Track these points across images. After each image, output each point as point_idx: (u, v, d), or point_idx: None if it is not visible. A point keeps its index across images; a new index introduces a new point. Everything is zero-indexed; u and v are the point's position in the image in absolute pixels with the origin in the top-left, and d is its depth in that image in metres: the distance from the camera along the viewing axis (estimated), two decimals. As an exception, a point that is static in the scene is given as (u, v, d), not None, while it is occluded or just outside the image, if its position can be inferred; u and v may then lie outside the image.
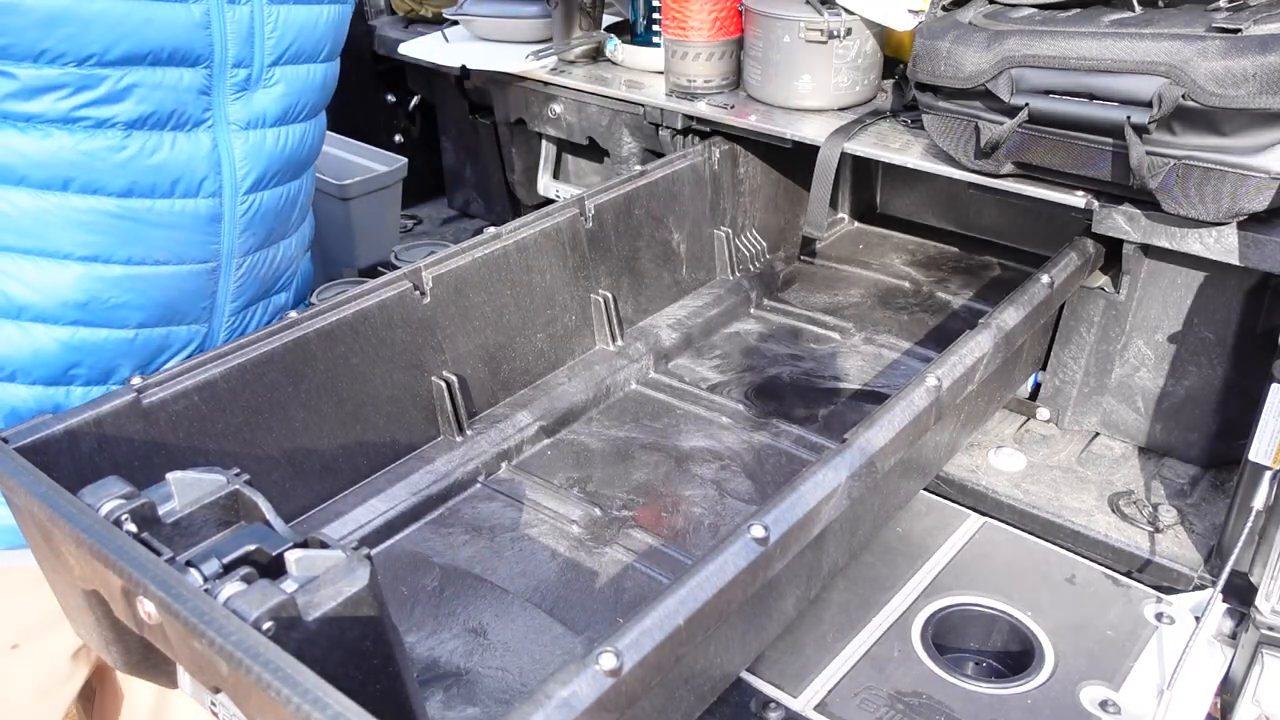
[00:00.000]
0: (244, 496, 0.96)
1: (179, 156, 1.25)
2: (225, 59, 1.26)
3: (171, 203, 1.27)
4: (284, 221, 1.45)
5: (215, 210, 1.32)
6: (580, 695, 0.77)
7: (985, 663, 1.34)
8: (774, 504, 1.00)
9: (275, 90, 1.35)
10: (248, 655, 0.73)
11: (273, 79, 1.33)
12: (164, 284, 1.31)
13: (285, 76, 1.36)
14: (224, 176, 1.31)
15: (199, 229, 1.31)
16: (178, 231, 1.29)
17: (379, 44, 2.52)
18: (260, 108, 1.33)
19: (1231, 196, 1.35)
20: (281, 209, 1.42)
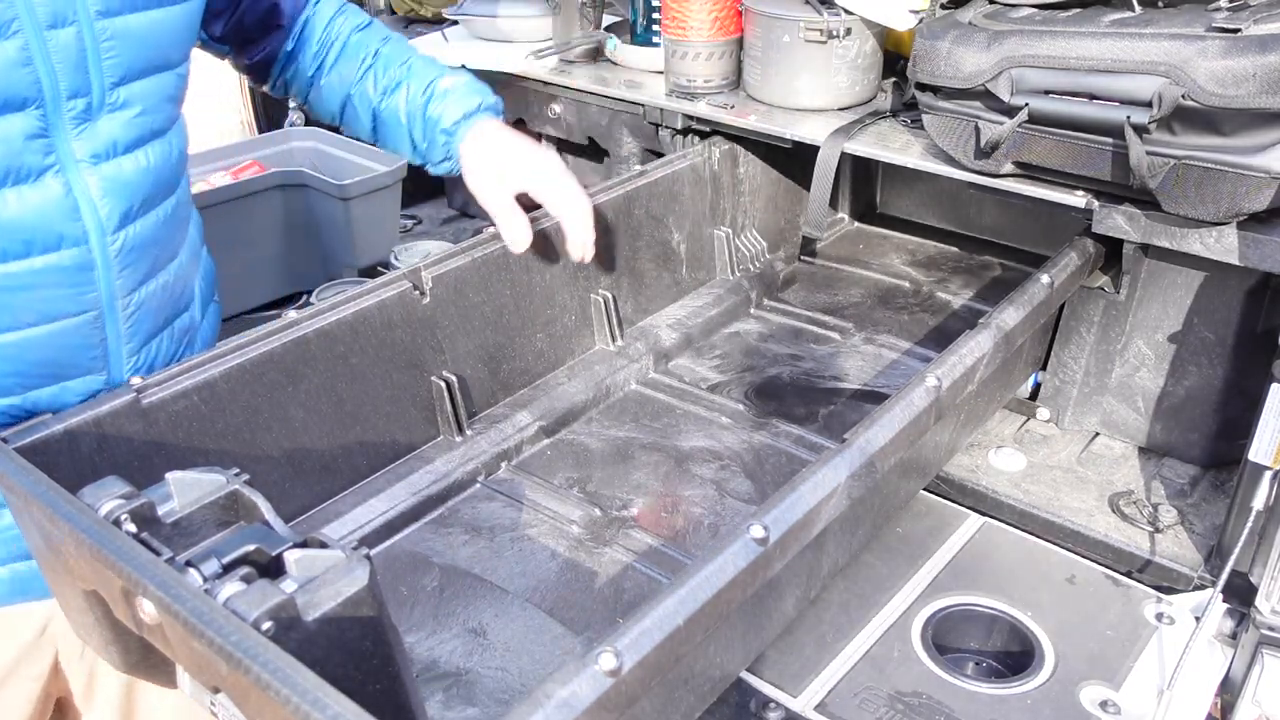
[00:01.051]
0: (244, 496, 0.96)
1: (26, 213, 1.08)
2: (58, 93, 1.08)
3: (29, 263, 1.10)
4: (167, 244, 1.27)
5: (83, 259, 1.14)
6: (580, 695, 0.77)
7: (985, 663, 1.34)
8: (774, 504, 1.00)
9: (125, 113, 1.16)
10: (247, 655, 0.73)
11: (119, 100, 1.15)
12: (41, 345, 1.16)
13: (135, 94, 1.16)
14: (85, 220, 1.13)
15: (68, 283, 1.14)
16: (44, 290, 1.13)
17: (379, 44, 2.51)
18: (109, 136, 1.14)
19: (1231, 196, 1.35)
20: (160, 233, 1.24)
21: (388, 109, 1.49)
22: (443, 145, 1.48)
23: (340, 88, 1.50)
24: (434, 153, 1.50)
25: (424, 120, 1.48)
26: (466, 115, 1.47)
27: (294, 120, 2.47)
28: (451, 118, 1.47)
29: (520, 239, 1.54)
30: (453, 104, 1.47)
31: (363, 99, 1.50)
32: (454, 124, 1.47)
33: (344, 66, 1.50)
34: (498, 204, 1.51)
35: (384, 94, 1.49)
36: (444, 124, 1.47)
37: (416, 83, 1.49)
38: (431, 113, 1.47)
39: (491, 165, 1.49)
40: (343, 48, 1.50)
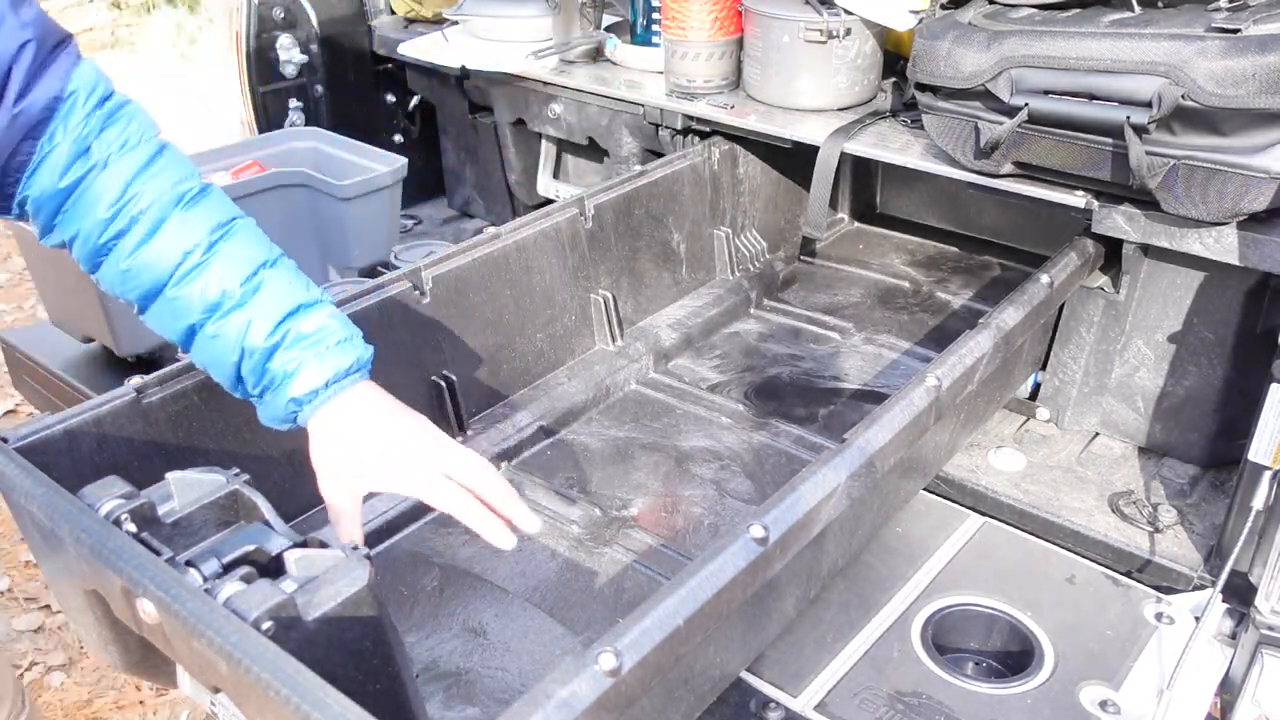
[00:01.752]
0: (244, 496, 0.96)
1: None
2: None
3: None
4: None
5: None
6: (580, 695, 0.77)
7: (985, 663, 1.34)
8: (774, 504, 1.00)
9: None
10: (247, 655, 0.73)
11: None
12: None
13: None
14: None
15: None
16: None
17: (379, 44, 2.52)
18: None
19: (1231, 196, 1.35)
20: None
21: (215, 334, 1.07)
22: (285, 409, 1.07)
23: (147, 277, 1.06)
24: (268, 409, 1.09)
25: (263, 371, 1.07)
26: (329, 383, 1.07)
27: (294, 120, 2.47)
28: (308, 384, 1.05)
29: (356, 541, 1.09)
30: (312, 361, 1.06)
31: (179, 308, 1.07)
32: (310, 392, 1.06)
33: (156, 253, 1.06)
34: (340, 504, 1.08)
35: (211, 312, 1.06)
36: (293, 390, 1.05)
37: (264, 315, 1.06)
38: (277, 366, 1.06)
39: (348, 459, 1.08)
40: (156, 227, 1.06)
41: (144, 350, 1.82)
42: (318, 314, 1.09)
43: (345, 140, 2.26)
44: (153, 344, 1.82)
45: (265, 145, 2.27)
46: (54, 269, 1.82)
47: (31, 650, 2.36)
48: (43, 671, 2.30)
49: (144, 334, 1.80)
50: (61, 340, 1.93)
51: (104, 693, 2.25)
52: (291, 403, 1.06)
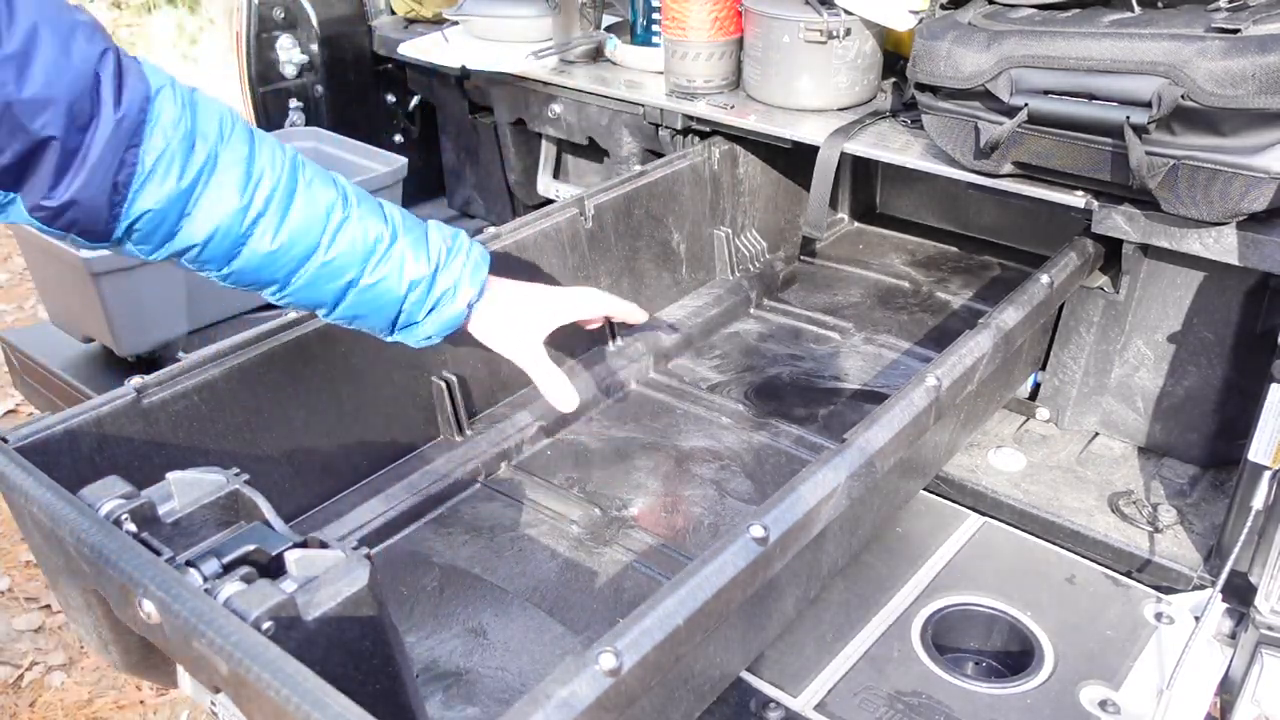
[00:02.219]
0: (244, 496, 0.96)
1: None
2: None
3: None
4: None
5: None
6: (580, 695, 0.77)
7: (985, 663, 1.34)
8: (774, 504, 1.00)
9: None
10: (247, 655, 0.73)
11: None
12: None
13: None
14: None
15: None
16: None
17: (379, 44, 2.52)
18: None
19: (1231, 196, 1.35)
20: None
21: (376, 280, 1.13)
22: (456, 318, 1.21)
23: (299, 249, 1.08)
24: (430, 327, 1.21)
25: (426, 296, 1.17)
26: (483, 282, 1.23)
27: (294, 120, 2.47)
28: (471, 289, 1.21)
29: (571, 398, 1.34)
30: (466, 270, 1.21)
31: (335, 268, 1.11)
32: (476, 295, 1.22)
33: (303, 222, 1.08)
34: (539, 359, 1.30)
35: (367, 259, 1.12)
36: (461, 298, 1.19)
37: (413, 246, 1.17)
38: (441, 286, 1.18)
39: (522, 321, 1.28)
40: (291, 197, 1.08)
41: (144, 350, 1.83)
42: (434, 226, 1.23)
43: (345, 140, 2.26)
44: (153, 344, 1.82)
45: (265, 145, 2.26)
46: (54, 269, 1.82)
47: (31, 650, 2.36)
48: (43, 671, 2.30)
49: (144, 334, 1.80)
50: (61, 340, 1.93)
51: (104, 693, 2.25)
52: (465, 310, 1.21)
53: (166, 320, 1.81)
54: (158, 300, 1.78)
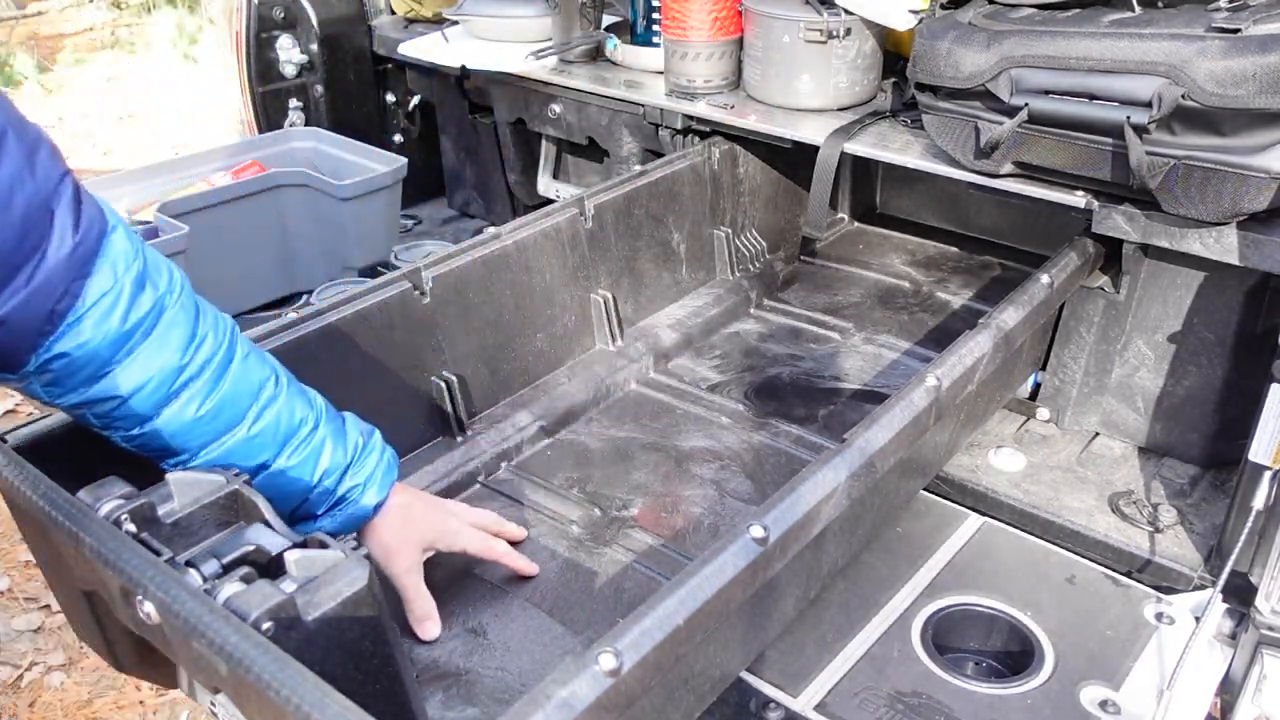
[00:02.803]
0: (244, 496, 0.96)
1: None
2: None
3: None
4: None
5: None
6: (580, 695, 0.77)
7: (985, 663, 1.34)
8: (773, 504, 1.00)
9: None
10: (247, 656, 0.73)
11: None
12: None
13: None
14: None
15: None
16: None
17: (379, 44, 2.52)
18: None
19: (1231, 196, 1.35)
20: None
21: (290, 465, 1.07)
22: (356, 518, 1.16)
23: (223, 419, 1.02)
24: (332, 522, 1.14)
25: (334, 491, 1.12)
26: (389, 485, 1.19)
27: (294, 120, 2.47)
28: (379, 492, 1.17)
29: (434, 627, 1.26)
30: (377, 470, 1.17)
31: (255, 446, 1.05)
32: (381, 499, 1.17)
33: (233, 393, 1.02)
34: (413, 579, 1.24)
35: (287, 442, 1.07)
36: (366, 500, 1.15)
37: (334, 435, 1.12)
38: (350, 482, 1.14)
39: (412, 536, 1.23)
40: (226, 366, 1.03)
41: (144, 350, 1.82)
42: (351, 420, 1.18)
43: (345, 140, 2.26)
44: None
45: (265, 145, 2.27)
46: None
47: (31, 650, 2.36)
48: (43, 671, 2.30)
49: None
50: (61, 340, 1.93)
51: (104, 693, 2.25)
52: (370, 510, 1.17)
53: (166, 320, 1.81)
54: (158, 300, 1.78)
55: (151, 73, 6.23)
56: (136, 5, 7.32)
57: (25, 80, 6.04)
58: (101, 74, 6.24)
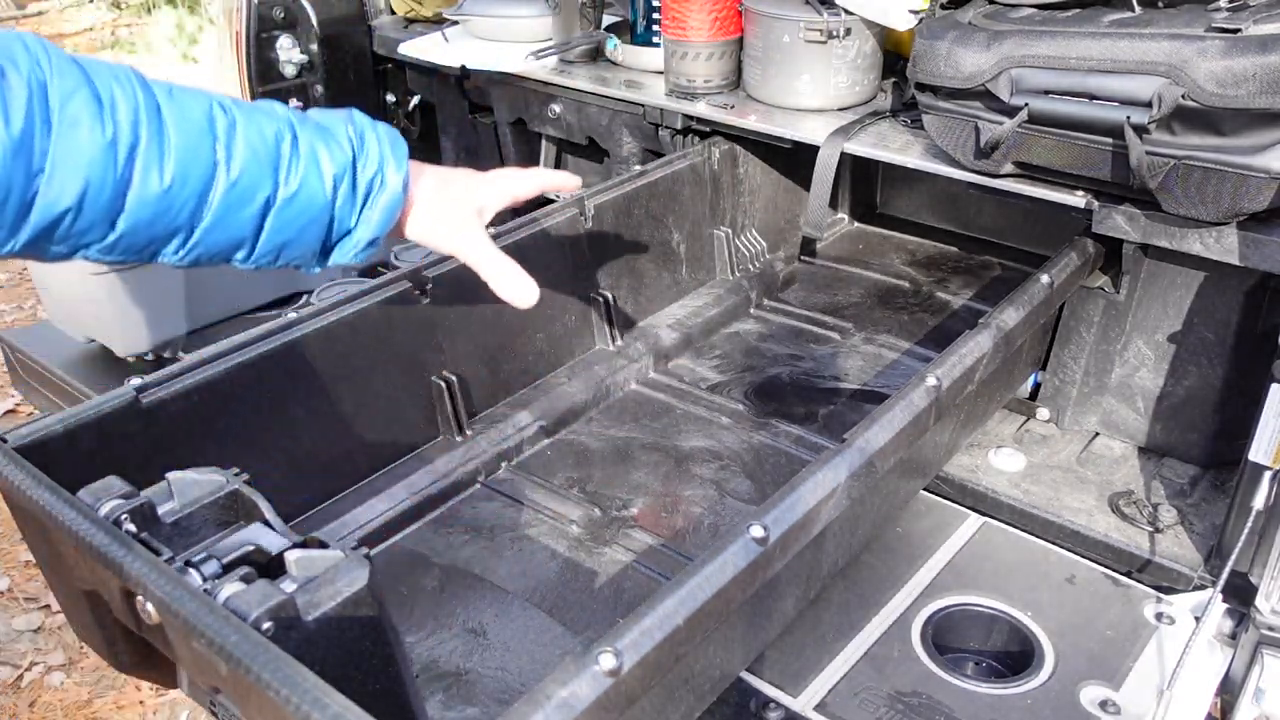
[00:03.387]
0: (244, 496, 0.96)
1: None
2: None
3: None
4: None
5: None
6: (579, 695, 0.77)
7: (985, 663, 1.34)
8: (773, 504, 1.00)
9: None
10: (247, 655, 0.73)
11: None
12: None
13: None
14: None
15: None
16: None
17: (379, 44, 2.52)
18: None
19: (1231, 196, 1.35)
20: None
21: (295, 189, 0.94)
22: (393, 205, 1.02)
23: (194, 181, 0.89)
24: (368, 226, 1.01)
25: (353, 188, 0.99)
26: (402, 160, 1.06)
27: (294, 120, 2.47)
28: (398, 168, 1.03)
29: (531, 290, 1.16)
30: (387, 150, 1.04)
31: (244, 189, 0.92)
32: (404, 175, 1.04)
33: (187, 142, 0.88)
34: (489, 246, 1.14)
35: (275, 167, 0.93)
36: (390, 182, 1.01)
37: (323, 138, 0.98)
38: (364, 174, 1.00)
39: (465, 197, 1.12)
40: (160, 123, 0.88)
41: (144, 350, 1.82)
42: (324, 111, 1.02)
43: (345, 140, 2.26)
44: (153, 344, 1.82)
45: (265, 145, 2.26)
46: (54, 269, 1.82)
47: (31, 650, 2.36)
48: (43, 671, 2.30)
49: (144, 334, 1.80)
50: (61, 340, 1.93)
51: (104, 693, 2.25)
52: (400, 192, 1.02)
53: (166, 320, 1.81)
54: (158, 300, 1.78)
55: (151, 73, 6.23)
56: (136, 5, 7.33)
57: (25, 80, 6.03)
58: (101, 74, 6.23)
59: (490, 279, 1.12)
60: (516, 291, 1.14)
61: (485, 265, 1.12)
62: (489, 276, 1.12)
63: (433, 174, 1.11)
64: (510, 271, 1.13)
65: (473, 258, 1.11)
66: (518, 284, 1.13)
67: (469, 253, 1.12)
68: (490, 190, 1.16)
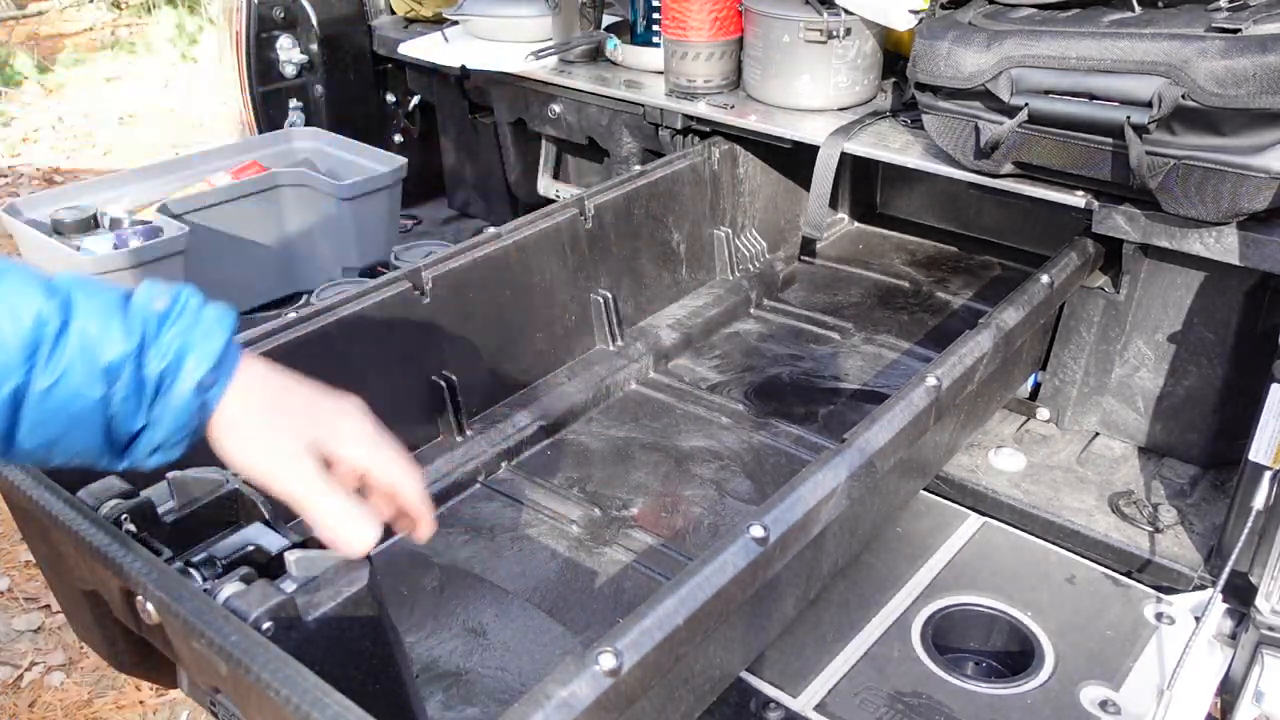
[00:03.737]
0: (244, 496, 0.96)
1: None
2: None
3: None
4: None
5: None
6: (579, 695, 0.77)
7: (985, 663, 1.34)
8: (773, 504, 1.00)
9: None
10: (247, 655, 0.73)
11: None
12: None
13: None
14: None
15: None
16: None
17: (379, 44, 2.52)
18: None
19: (1231, 196, 1.35)
20: None
21: (55, 377, 0.77)
22: (190, 404, 0.81)
23: None
24: (161, 427, 0.81)
25: (140, 381, 0.79)
26: (226, 346, 0.83)
27: (294, 120, 2.47)
28: (207, 355, 0.81)
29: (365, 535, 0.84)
30: (194, 333, 0.82)
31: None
32: (214, 364, 0.81)
33: None
34: (322, 484, 0.85)
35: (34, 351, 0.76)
36: (192, 372, 0.80)
37: (102, 314, 0.79)
38: (153, 363, 0.79)
39: (284, 425, 0.86)
40: None
41: (144, 350, 1.82)
42: (145, 286, 0.83)
43: (345, 140, 2.26)
44: (153, 344, 1.82)
45: (265, 145, 2.27)
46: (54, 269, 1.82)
47: (31, 650, 2.36)
48: (43, 671, 2.30)
49: (144, 334, 1.80)
50: (61, 340, 1.93)
51: (104, 693, 2.25)
52: (193, 396, 0.80)
53: (166, 320, 1.81)
54: (158, 300, 1.78)
55: (151, 73, 6.24)
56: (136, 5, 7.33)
57: (25, 80, 6.05)
58: (101, 74, 6.24)
59: (321, 523, 0.85)
60: (345, 538, 0.84)
61: (310, 510, 0.84)
62: (319, 519, 0.84)
63: (271, 381, 0.88)
64: (341, 514, 0.84)
65: (301, 497, 0.84)
66: (347, 529, 0.84)
67: (289, 496, 0.84)
68: (341, 428, 0.90)
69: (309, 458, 0.85)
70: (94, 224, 1.86)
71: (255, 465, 0.84)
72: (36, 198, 1.90)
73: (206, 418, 0.82)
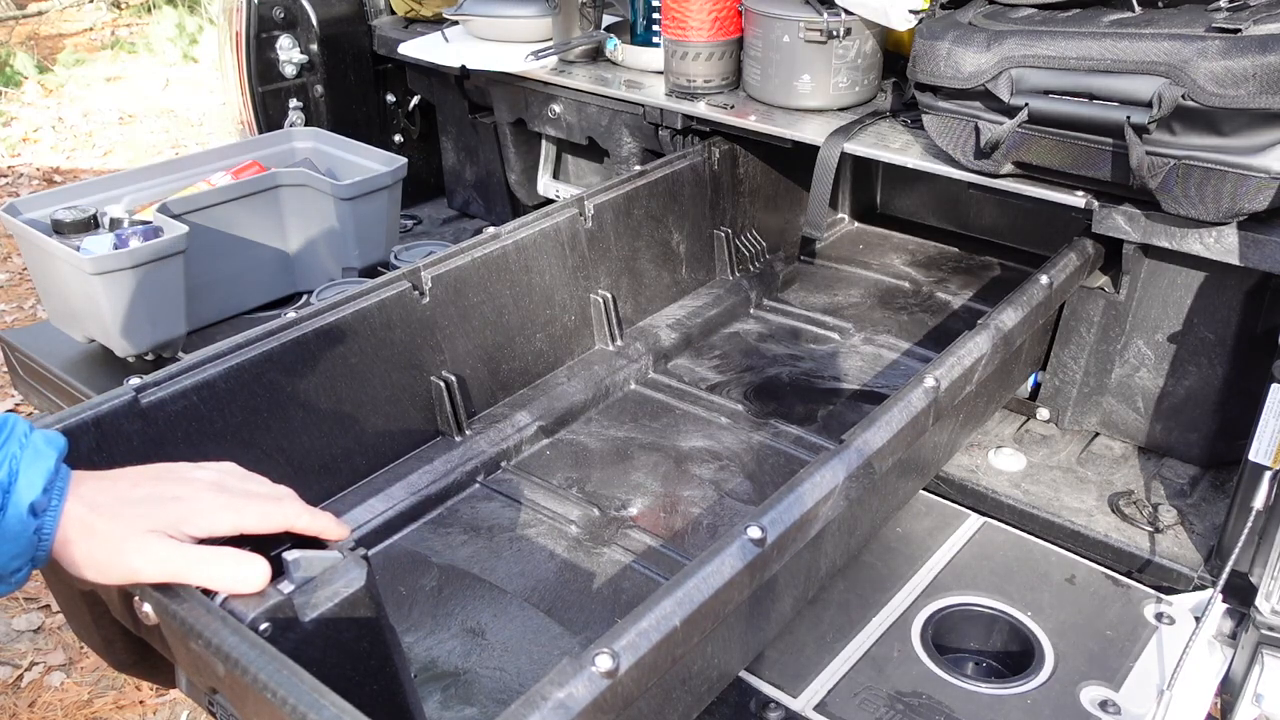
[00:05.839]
0: (242, 497, 0.95)
1: None
2: None
3: None
4: None
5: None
6: (576, 696, 0.77)
7: (985, 663, 1.33)
8: (772, 505, 1.00)
9: None
10: (244, 656, 0.73)
11: None
12: None
13: None
14: None
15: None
16: None
17: (379, 44, 2.52)
18: None
19: (1231, 196, 1.35)
20: None
21: None
22: (26, 527, 0.79)
23: None
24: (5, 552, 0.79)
25: None
26: (57, 466, 0.83)
27: (294, 120, 2.47)
28: (39, 475, 0.81)
29: (257, 576, 0.82)
30: (19, 453, 0.81)
31: None
32: (46, 484, 0.81)
33: None
34: (183, 558, 0.82)
35: None
36: (23, 493, 0.79)
37: None
38: None
39: (132, 525, 0.82)
40: None
41: (144, 350, 1.83)
42: None
43: (345, 140, 2.26)
44: (152, 344, 1.82)
45: (265, 145, 2.27)
46: (54, 269, 1.82)
47: (31, 650, 2.36)
48: (42, 671, 2.30)
49: (144, 334, 1.80)
50: (61, 340, 1.93)
51: (104, 693, 2.25)
52: (28, 516, 0.79)
53: (166, 320, 1.81)
54: (158, 300, 1.78)
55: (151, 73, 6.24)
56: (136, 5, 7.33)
57: (25, 80, 6.05)
58: (101, 74, 6.25)
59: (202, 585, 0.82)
60: (236, 589, 0.81)
61: (188, 582, 0.81)
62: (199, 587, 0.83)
63: (106, 491, 0.84)
64: (219, 573, 0.82)
65: (168, 581, 0.81)
66: (233, 583, 0.82)
67: (157, 580, 0.81)
68: (195, 507, 0.85)
69: (161, 540, 0.82)
70: (94, 224, 1.85)
71: (110, 572, 0.81)
72: (36, 198, 1.90)
73: (48, 544, 0.80)
